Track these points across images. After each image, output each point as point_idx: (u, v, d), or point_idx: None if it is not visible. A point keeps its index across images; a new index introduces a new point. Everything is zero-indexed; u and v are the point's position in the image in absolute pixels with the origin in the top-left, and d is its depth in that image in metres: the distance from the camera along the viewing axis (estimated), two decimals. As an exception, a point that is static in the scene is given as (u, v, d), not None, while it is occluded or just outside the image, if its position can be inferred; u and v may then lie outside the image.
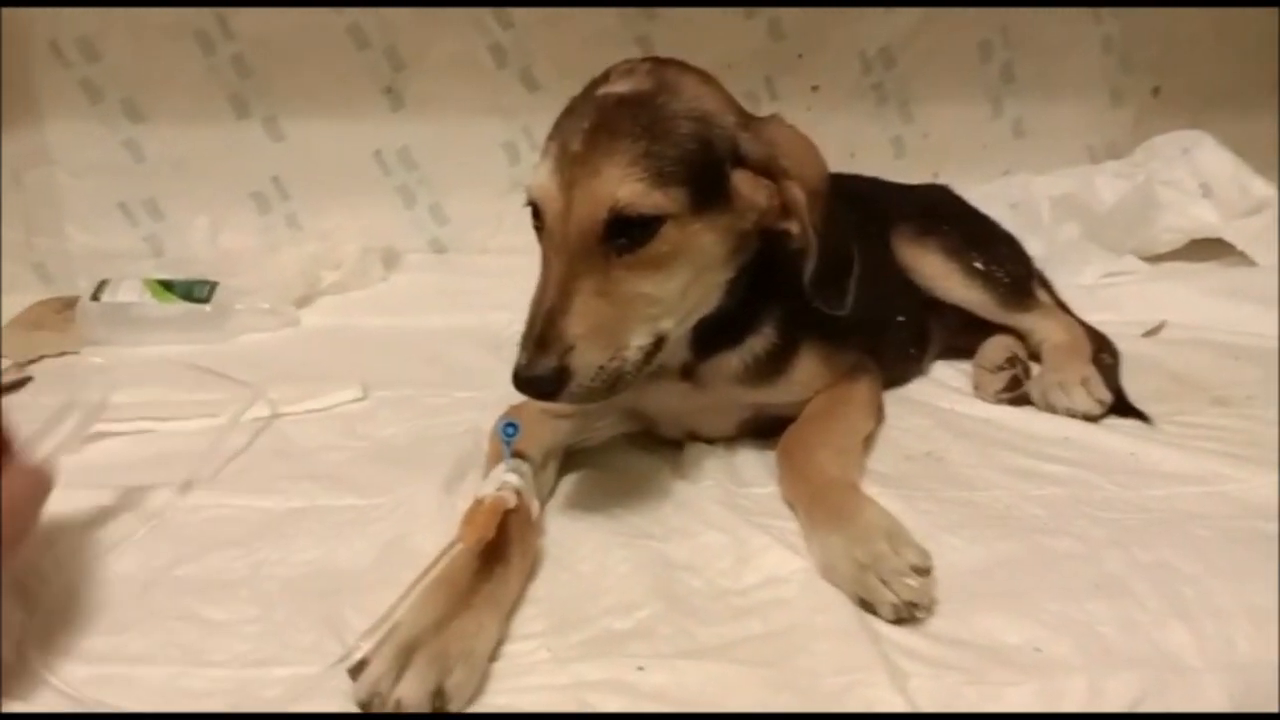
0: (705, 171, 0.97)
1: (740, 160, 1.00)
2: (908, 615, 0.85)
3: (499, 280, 1.97)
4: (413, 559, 0.92)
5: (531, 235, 1.03)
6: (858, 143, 2.06)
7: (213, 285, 1.77)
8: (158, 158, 2.03)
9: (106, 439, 1.31)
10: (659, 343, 1.00)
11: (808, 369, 1.15)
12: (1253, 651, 0.81)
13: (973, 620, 0.85)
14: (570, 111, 1.01)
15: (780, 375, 1.14)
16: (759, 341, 1.12)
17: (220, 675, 0.81)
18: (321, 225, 2.07)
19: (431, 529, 1.02)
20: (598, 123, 0.96)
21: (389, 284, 2.02)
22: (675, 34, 1.94)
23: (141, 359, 1.66)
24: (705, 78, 1.04)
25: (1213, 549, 0.93)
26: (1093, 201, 1.95)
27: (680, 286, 0.99)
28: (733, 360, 1.12)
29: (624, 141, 0.94)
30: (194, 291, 1.76)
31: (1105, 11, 2.04)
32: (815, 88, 2.04)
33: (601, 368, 0.94)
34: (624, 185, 0.93)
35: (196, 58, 1.96)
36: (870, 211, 1.44)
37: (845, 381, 1.19)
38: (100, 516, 1.09)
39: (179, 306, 1.74)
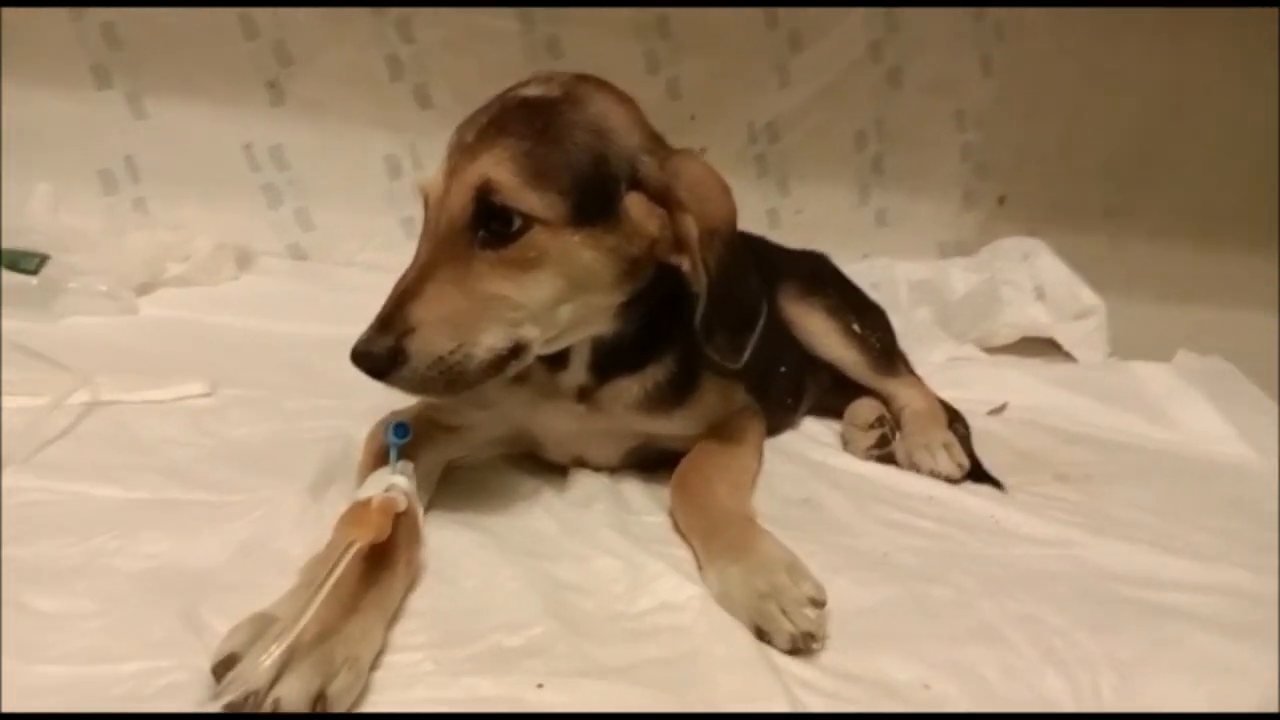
0: (593, 186, 0.95)
1: (637, 183, 0.99)
2: (803, 646, 0.84)
3: (361, 295, 1.83)
4: (277, 561, 0.87)
5: (403, 256, 1.00)
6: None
7: (43, 258, 1.61)
8: (3, 117, 1.84)
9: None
10: (516, 350, 0.96)
11: (706, 403, 1.15)
12: (1119, 701, 0.85)
13: (863, 657, 0.86)
14: (479, 109, 1.00)
15: (678, 406, 1.13)
16: (660, 370, 1.11)
17: (56, 671, 0.71)
18: (172, 215, 1.93)
19: (297, 533, 0.96)
20: (493, 118, 0.96)
21: (239, 283, 1.91)
22: (576, 77, 1.95)
23: (-55, 330, 1.46)
24: (621, 98, 1.03)
25: (1074, 604, 0.98)
26: (945, 290, 2.10)
27: (548, 297, 0.96)
28: (633, 387, 1.11)
29: (509, 139, 0.93)
30: (20, 262, 1.59)
31: (969, 120, 2.22)
32: (703, 150, 2.10)
33: (441, 358, 0.91)
34: (494, 170, 0.92)
35: (62, 20, 1.81)
36: (758, 266, 1.47)
37: (736, 419, 1.20)
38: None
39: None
